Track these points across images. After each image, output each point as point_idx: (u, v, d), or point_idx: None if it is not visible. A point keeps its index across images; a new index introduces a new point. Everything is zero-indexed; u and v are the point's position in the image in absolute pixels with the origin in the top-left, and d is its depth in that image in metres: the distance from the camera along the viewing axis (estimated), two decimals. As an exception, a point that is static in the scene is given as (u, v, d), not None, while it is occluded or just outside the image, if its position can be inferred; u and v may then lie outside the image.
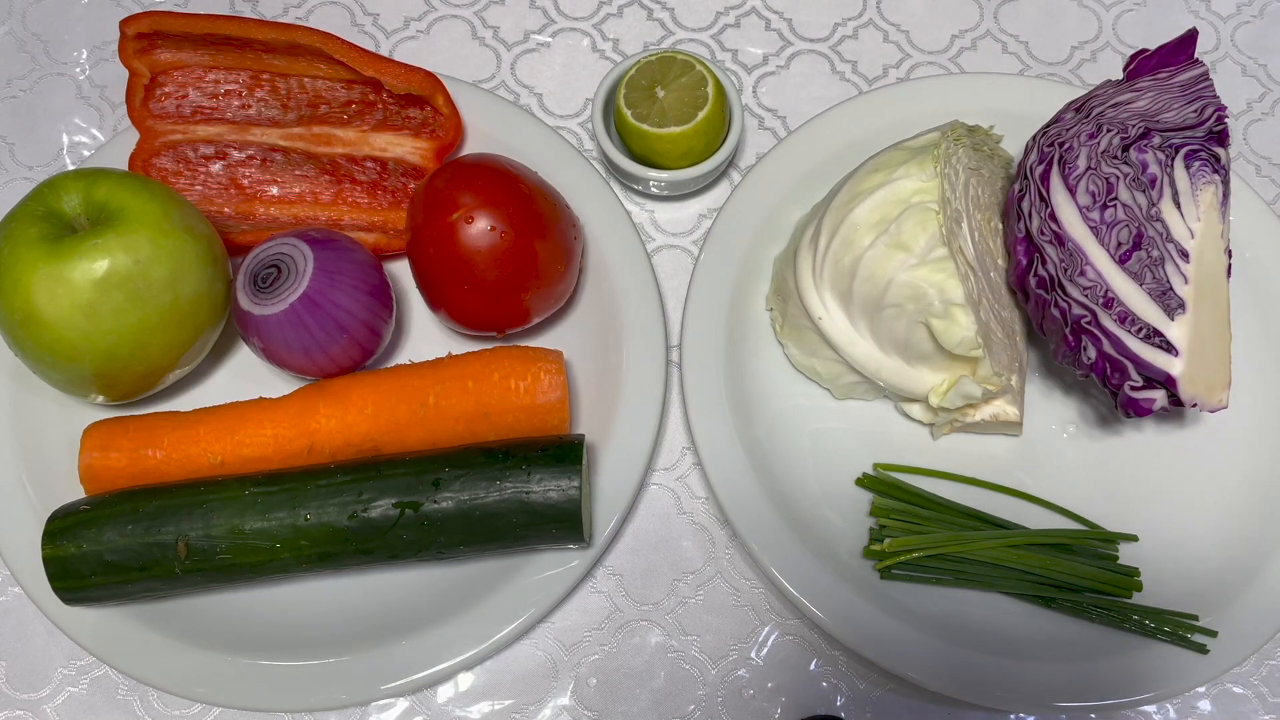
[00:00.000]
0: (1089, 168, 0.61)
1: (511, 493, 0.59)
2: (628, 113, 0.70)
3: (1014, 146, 0.72)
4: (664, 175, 0.71)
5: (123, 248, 0.58)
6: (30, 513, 0.64)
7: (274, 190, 0.72)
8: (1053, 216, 0.61)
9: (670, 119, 0.69)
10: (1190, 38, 0.66)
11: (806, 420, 0.68)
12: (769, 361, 0.69)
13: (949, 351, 0.61)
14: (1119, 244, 0.61)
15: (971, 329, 0.59)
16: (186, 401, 0.69)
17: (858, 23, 0.82)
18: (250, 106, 0.72)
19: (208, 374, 0.70)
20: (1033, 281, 0.62)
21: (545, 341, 0.70)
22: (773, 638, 0.64)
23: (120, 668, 0.61)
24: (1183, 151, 0.62)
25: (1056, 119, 0.65)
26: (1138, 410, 0.61)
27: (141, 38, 0.69)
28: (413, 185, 0.72)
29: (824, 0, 0.82)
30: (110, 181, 0.61)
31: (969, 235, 0.63)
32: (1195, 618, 0.61)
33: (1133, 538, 0.65)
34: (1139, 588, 0.62)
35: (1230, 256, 0.62)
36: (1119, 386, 0.61)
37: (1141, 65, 0.66)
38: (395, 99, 0.72)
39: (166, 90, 0.72)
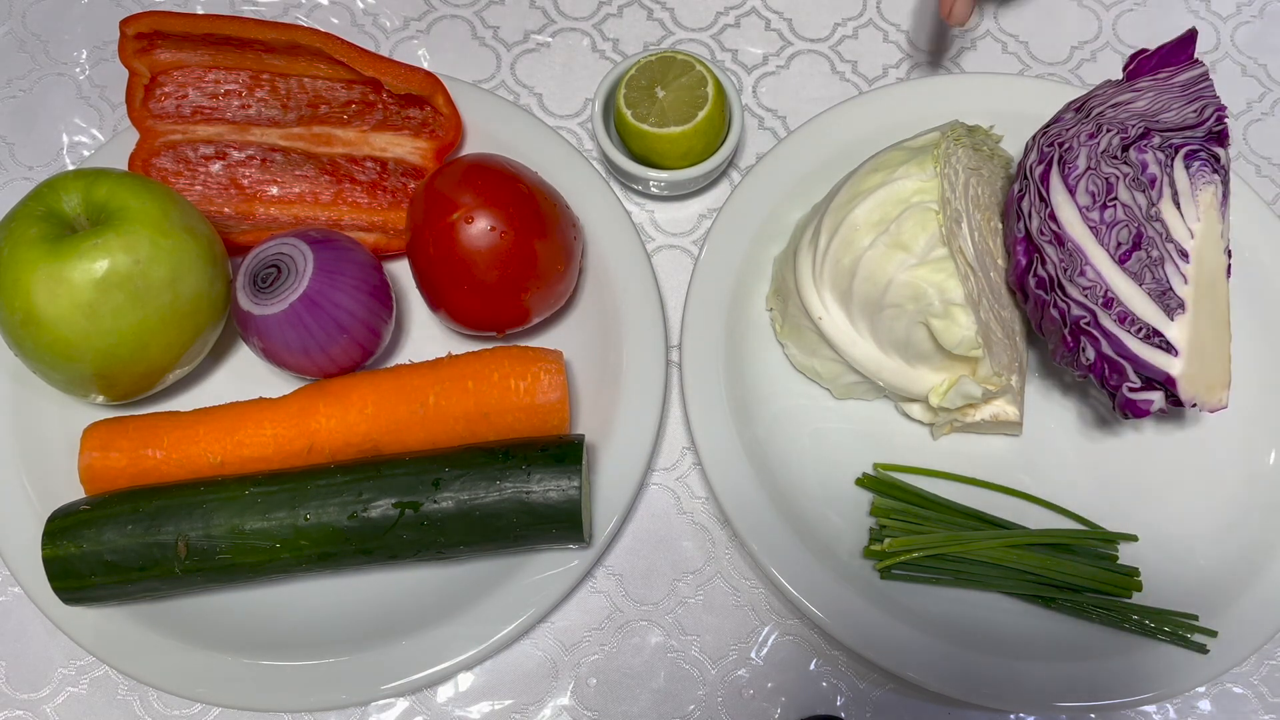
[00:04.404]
0: (1089, 168, 0.61)
1: (511, 493, 0.59)
2: (628, 113, 0.70)
3: (1014, 146, 0.72)
4: (664, 175, 0.71)
5: (123, 248, 0.58)
6: (30, 513, 0.64)
7: (274, 190, 0.72)
8: (1052, 216, 0.61)
9: (670, 119, 0.69)
10: (1190, 38, 0.66)
11: (806, 420, 0.68)
12: (769, 361, 0.69)
13: (949, 351, 0.61)
14: (1118, 244, 0.61)
15: (971, 329, 0.60)
16: (186, 401, 0.69)
17: (858, 23, 0.82)
18: (250, 106, 0.72)
19: (208, 374, 0.70)
20: (1032, 282, 0.62)
21: (545, 341, 0.70)
22: (773, 638, 0.64)
23: (120, 668, 0.61)
24: (1182, 151, 0.62)
25: (1056, 119, 0.65)
26: (1135, 411, 0.61)
27: (141, 38, 0.69)
28: (413, 185, 0.72)
29: (824, 0, 0.83)
30: (110, 181, 0.61)
31: (969, 235, 0.63)
32: (1195, 618, 0.61)
33: (1133, 538, 0.65)
34: (1139, 588, 0.62)
35: (1230, 256, 0.62)
36: (1117, 388, 0.61)
37: (1141, 65, 0.66)
38: (395, 99, 0.72)
39: (166, 90, 0.72)
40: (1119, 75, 0.68)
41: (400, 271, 0.72)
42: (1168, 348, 0.60)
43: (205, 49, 0.71)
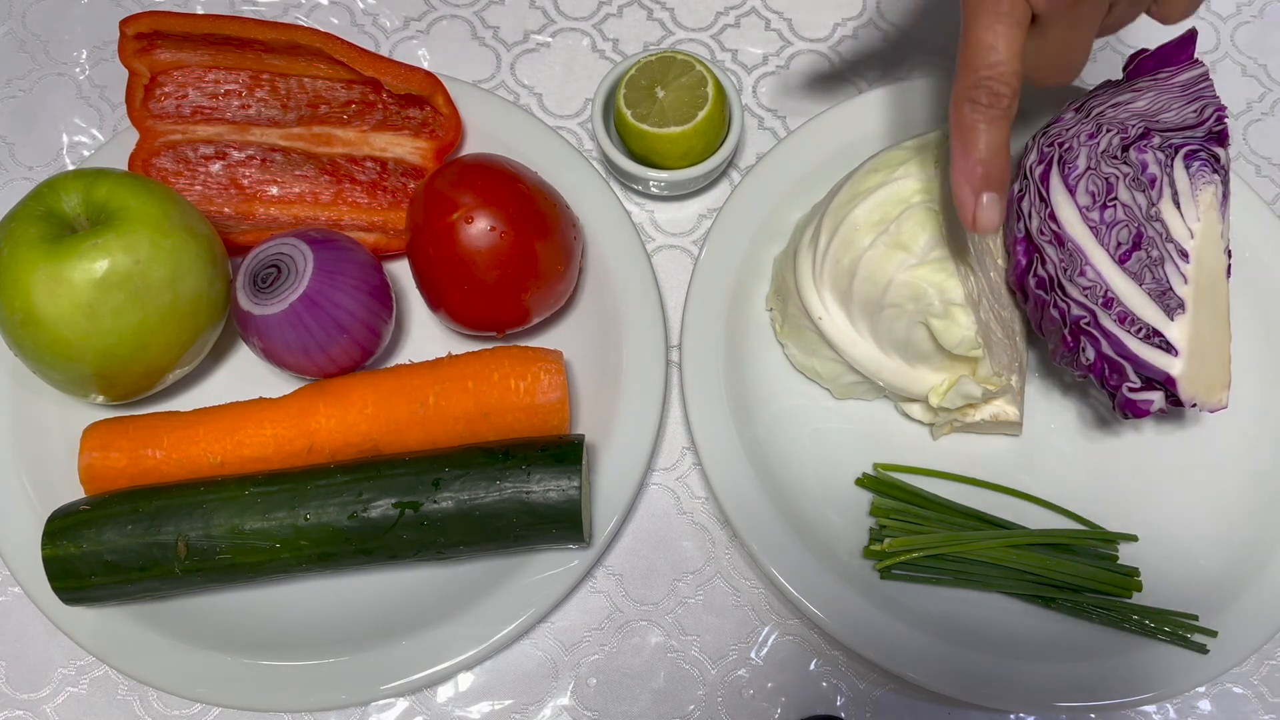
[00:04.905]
0: (1089, 168, 0.61)
1: (511, 493, 0.59)
2: (628, 113, 0.70)
3: (1014, 146, 0.72)
4: (664, 175, 0.71)
5: (123, 248, 0.58)
6: (30, 513, 0.64)
7: (274, 190, 0.72)
8: (1052, 216, 0.61)
9: (670, 119, 0.69)
10: (1190, 38, 0.66)
11: (806, 420, 0.68)
12: (769, 361, 0.69)
13: (949, 351, 0.61)
14: (1118, 244, 0.61)
15: (971, 329, 0.60)
16: (186, 401, 0.69)
17: (858, 23, 0.82)
18: (250, 106, 0.72)
19: (208, 374, 0.70)
20: (1032, 282, 0.62)
21: (545, 341, 0.70)
22: (773, 638, 0.64)
23: (120, 668, 0.61)
24: (1182, 151, 0.62)
25: (1056, 119, 0.65)
26: (1135, 411, 0.61)
27: (141, 38, 0.69)
28: (413, 185, 0.72)
29: (824, 0, 0.82)
30: (110, 181, 0.61)
31: (969, 234, 0.63)
32: (1195, 618, 0.61)
33: (1133, 538, 0.65)
34: (1139, 588, 0.62)
35: (1230, 256, 0.62)
36: (1117, 388, 0.61)
37: (1141, 65, 0.66)
38: (395, 99, 0.72)
39: (166, 90, 0.72)
40: (1119, 75, 0.68)
41: (400, 271, 0.72)
42: (1168, 348, 0.60)
43: (205, 49, 0.71)
